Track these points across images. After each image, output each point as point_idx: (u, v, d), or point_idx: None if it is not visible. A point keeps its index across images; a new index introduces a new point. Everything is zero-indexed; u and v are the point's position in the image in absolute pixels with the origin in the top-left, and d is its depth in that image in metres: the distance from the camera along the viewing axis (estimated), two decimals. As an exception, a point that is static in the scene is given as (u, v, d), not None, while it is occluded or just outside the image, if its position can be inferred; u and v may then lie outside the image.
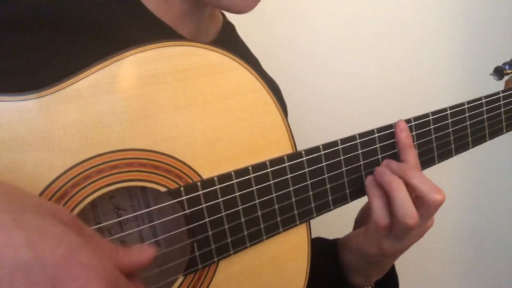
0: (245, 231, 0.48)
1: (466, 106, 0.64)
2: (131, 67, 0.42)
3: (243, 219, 0.48)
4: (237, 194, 0.47)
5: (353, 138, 0.54)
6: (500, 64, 0.73)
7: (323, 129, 1.08)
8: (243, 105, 0.48)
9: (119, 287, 0.30)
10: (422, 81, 1.21)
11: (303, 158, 0.51)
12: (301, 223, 0.52)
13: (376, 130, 0.56)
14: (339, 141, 0.53)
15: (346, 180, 0.54)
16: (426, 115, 0.60)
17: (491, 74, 0.74)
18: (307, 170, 0.51)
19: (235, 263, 0.48)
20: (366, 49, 1.14)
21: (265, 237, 0.49)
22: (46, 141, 0.39)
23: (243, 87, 0.48)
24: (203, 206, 0.45)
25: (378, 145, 0.56)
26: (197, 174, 0.45)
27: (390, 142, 0.57)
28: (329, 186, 0.53)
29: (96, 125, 0.41)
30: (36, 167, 0.38)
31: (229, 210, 0.47)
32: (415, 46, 1.19)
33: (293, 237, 0.52)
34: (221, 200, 0.46)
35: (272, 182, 0.49)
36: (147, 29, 0.51)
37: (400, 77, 1.18)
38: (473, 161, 1.33)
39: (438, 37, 1.22)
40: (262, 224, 0.49)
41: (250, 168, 0.48)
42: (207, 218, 0.45)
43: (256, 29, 0.94)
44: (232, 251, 0.47)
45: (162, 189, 0.44)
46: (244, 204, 0.48)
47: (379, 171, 0.55)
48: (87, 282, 0.28)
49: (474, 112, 0.65)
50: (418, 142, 0.59)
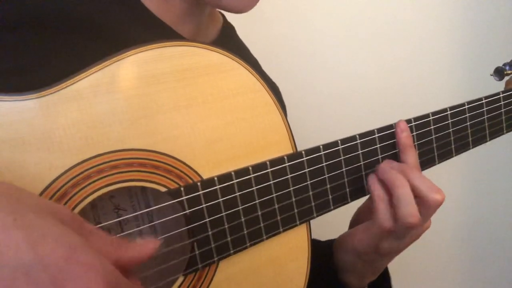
0: (245, 231, 0.48)
1: (467, 107, 0.64)
2: (131, 67, 0.42)
3: (243, 219, 0.48)
4: (237, 194, 0.47)
5: (353, 138, 0.54)
6: (501, 65, 0.73)
7: (323, 129, 1.08)
8: (243, 105, 0.48)
9: (120, 285, 0.30)
10: (422, 81, 1.21)
11: (303, 158, 0.51)
12: (301, 223, 0.52)
13: (376, 131, 0.56)
14: (339, 141, 0.53)
15: (346, 180, 0.54)
16: (427, 116, 0.60)
17: (491, 75, 0.74)
18: (307, 170, 0.51)
19: (235, 263, 0.48)
20: (366, 49, 1.14)
21: (265, 237, 0.49)
22: (46, 141, 0.39)
23: (243, 87, 0.48)
24: (203, 206, 0.45)
25: (379, 145, 0.56)
26: (197, 174, 0.45)
27: (391, 142, 0.57)
28: (329, 186, 0.53)
29: (96, 125, 0.41)
30: (36, 167, 0.38)
31: (229, 210, 0.47)
32: (416, 46, 1.19)
33: (293, 237, 0.52)
34: (221, 200, 0.46)
35: (272, 182, 0.49)
36: (147, 29, 0.51)
37: (400, 77, 1.18)
38: (473, 161, 1.32)
39: (439, 37, 1.22)
40: (262, 224, 0.49)
41: (250, 168, 0.48)
42: (207, 218, 0.45)
43: (256, 30, 0.94)
44: (232, 251, 0.47)
45: (162, 189, 0.44)
46: (244, 204, 0.48)
47: (382, 168, 0.55)
48: (87, 282, 0.28)
49: (474, 113, 0.65)
50: (418, 142, 0.59)
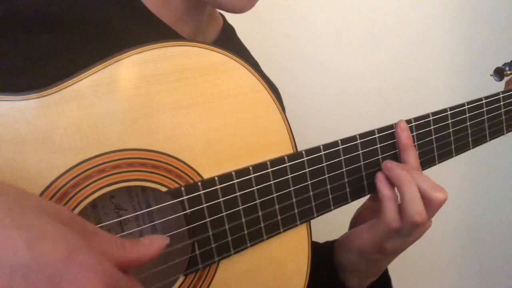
0: (246, 231, 0.48)
1: (467, 107, 0.64)
2: (132, 67, 0.42)
3: (243, 219, 0.48)
4: (238, 194, 0.47)
5: (353, 138, 0.54)
6: (500, 65, 0.73)
7: (324, 129, 1.08)
8: (244, 105, 0.48)
9: (120, 284, 0.30)
10: (423, 82, 1.21)
11: (303, 158, 0.51)
12: (301, 223, 0.52)
13: (376, 131, 0.56)
14: (340, 141, 0.53)
15: (346, 180, 0.54)
16: (427, 116, 0.60)
17: (491, 75, 0.74)
18: (307, 170, 0.51)
19: (235, 263, 0.48)
20: (366, 49, 1.14)
21: (265, 237, 0.49)
22: (47, 140, 0.39)
23: (243, 87, 0.48)
24: (204, 206, 0.45)
25: (379, 146, 0.56)
26: (198, 174, 0.45)
27: (391, 142, 0.57)
28: (329, 187, 0.53)
29: (96, 124, 0.41)
30: (37, 167, 0.38)
31: (229, 210, 0.47)
32: (416, 46, 1.19)
33: (293, 237, 0.52)
34: (221, 200, 0.46)
35: (272, 182, 0.49)
36: (147, 28, 0.51)
37: (401, 77, 1.18)
38: (473, 161, 1.32)
39: (439, 37, 1.22)
40: (263, 224, 0.49)
41: (251, 168, 0.48)
42: (207, 218, 0.45)
43: (255, 30, 0.95)
44: (232, 251, 0.47)
45: (163, 189, 0.44)
46: (245, 204, 0.48)
47: (388, 166, 0.55)
48: (86, 282, 0.28)
49: (474, 113, 0.65)
50: (418, 142, 0.59)
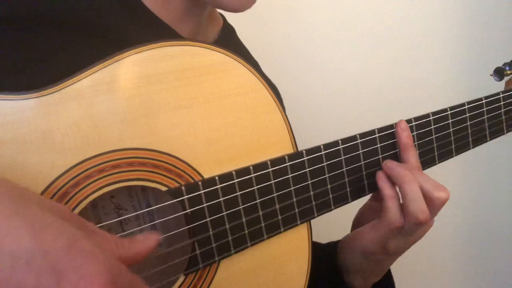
0: (246, 231, 0.48)
1: (467, 107, 0.64)
2: (132, 67, 0.42)
3: (244, 219, 0.48)
4: (238, 193, 0.47)
5: (354, 138, 0.54)
6: (500, 65, 0.73)
7: (324, 129, 1.08)
8: (244, 105, 0.48)
9: (122, 276, 0.30)
10: (423, 81, 1.21)
11: (304, 158, 0.51)
12: (302, 222, 0.52)
13: (377, 130, 0.56)
14: (340, 141, 0.53)
15: (347, 180, 0.54)
16: (427, 115, 0.60)
17: (491, 75, 0.74)
18: (308, 170, 0.51)
19: (236, 262, 0.48)
20: (366, 49, 1.14)
21: (266, 236, 0.49)
22: (47, 140, 0.39)
23: (244, 87, 0.48)
24: (204, 205, 0.45)
25: (379, 145, 0.56)
26: (198, 173, 0.45)
27: (391, 142, 0.57)
28: (329, 186, 0.53)
29: (97, 124, 0.41)
30: (37, 167, 0.38)
31: (230, 209, 0.47)
32: (416, 46, 1.19)
33: (294, 237, 0.52)
34: (222, 199, 0.46)
35: (273, 181, 0.49)
36: (146, 28, 0.51)
37: (401, 77, 1.18)
38: (473, 161, 1.32)
39: (439, 37, 1.22)
40: (263, 224, 0.49)
41: (251, 167, 0.48)
42: (208, 218, 0.45)
43: (255, 30, 0.95)
44: (233, 251, 0.47)
45: (163, 189, 0.44)
46: (245, 204, 0.48)
47: (389, 165, 0.55)
48: (89, 270, 0.28)
49: (474, 113, 0.65)
50: (418, 142, 0.59)
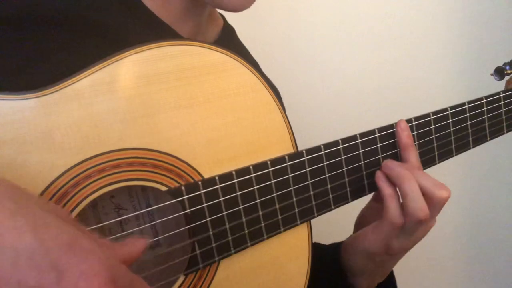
0: (246, 231, 0.48)
1: (467, 106, 0.64)
2: (132, 66, 0.42)
3: (244, 219, 0.48)
4: (238, 193, 0.47)
5: (354, 137, 0.54)
6: (501, 65, 0.73)
7: (324, 128, 1.08)
8: (244, 105, 0.48)
9: (122, 275, 0.30)
10: (423, 81, 1.21)
11: (304, 157, 0.51)
12: (302, 222, 0.52)
13: (377, 130, 0.56)
14: (340, 140, 0.53)
15: (347, 179, 0.54)
16: (427, 115, 0.60)
17: (491, 75, 0.74)
18: (308, 169, 0.51)
19: (236, 262, 0.48)
20: (366, 48, 1.14)
21: (266, 236, 0.49)
22: (47, 140, 0.39)
23: (244, 87, 0.48)
24: (204, 205, 0.45)
25: (379, 145, 0.56)
26: (198, 173, 0.45)
27: (391, 141, 0.57)
28: (330, 186, 0.53)
29: (97, 124, 0.40)
30: (37, 167, 0.38)
31: (230, 209, 0.47)
32: (416, 46, 1.19)
33: (294, 237, 0.52)
34: (222, 199, 0.46)
35: (273, 181, 0.49)
36: (146, 28, 0.51)
37: (401, 77, 1.18)
38: (473, 161, 1.32)
39: (439, 37, 1.22)
40: (263, 224, 0.49)
41: (251, 167, 0.48)
42: (208, 218, 0.45)
43: (256, 30, 0.95)
44: (233, 251, 0.47)
45: (163, 189, 0.44)
46: (245, 204, 0.48)
47: (387, 165, 0.55)
48: (90, 268, 0.28)
49: (474, 112, 0.65)
50: (419, 142, 0.59)
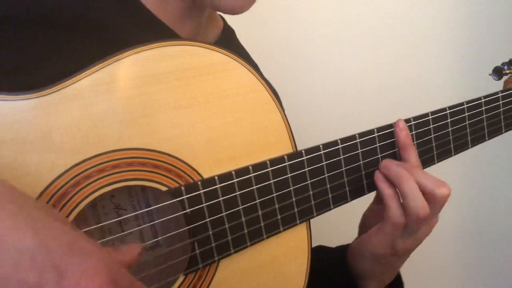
0: (246, 230, 0.48)
1: (465, 106, 0.64)
2: (131, 67, 0.42)
3: (243, 219, 0.48)
4: (238, 193, 0.47)
5: (353, 137, 0.55)
6: (499, 64, 0.73)
7: (323, 128, 1.08)
8: (244, 105, 0.48)
9: (122, 276, 0.31)
10: (422, 81, 1.21)
11: (303, 157, 0.51)
12: (301, 222, 0.52)
13: (375, 130, 0.56)
14: (339, 140, 0.54)
15: (346, 179, 0.55)
16: (426, 115, 0.60)
17: (490, 74, 0.74)
18: (307, 169, 0.51)
19: (235, 262, 0.48)
20: (365, 48, 1.14)
21: (265, 236, 0.49)
22: (47, 140, 0.39)
23: (243, 87, 0.48)
24: (204, 205, 0.45)
25: (378, 145, 0.56)
26: (198, 173, 0.45)
27: (390, 141, 0.57)
28: (329, 186, 0.53)
29: (96, 124, 0.41)
30: (36, 167, 0.38)
31: (229, 209, 0.47)
32: (415, 45, 1.19)
33: (293, 237, 0.52)
34: (221, 199, 0.46)
35: (272, 181, 0.49)
36: (146, 28, 0.51)
37: (400, 76, 1.18)
38: (473, 161, 1.33)
39: (438, 37, 1.23)
40: (263, 223, 0.49)
41: (251, 167, 0.48)
42: (207, 218, 0.46)
43: (255, 30, 0.95)
44: (232, 250, 0.47)
45: (163, 189, 0.44)
46: (245, 204, 0.48)
47: (385, 165, 0.55)
48: (91, 268, 0.29)
49: (473, 112, 0.65)
50: (417, 141, 0.59)
